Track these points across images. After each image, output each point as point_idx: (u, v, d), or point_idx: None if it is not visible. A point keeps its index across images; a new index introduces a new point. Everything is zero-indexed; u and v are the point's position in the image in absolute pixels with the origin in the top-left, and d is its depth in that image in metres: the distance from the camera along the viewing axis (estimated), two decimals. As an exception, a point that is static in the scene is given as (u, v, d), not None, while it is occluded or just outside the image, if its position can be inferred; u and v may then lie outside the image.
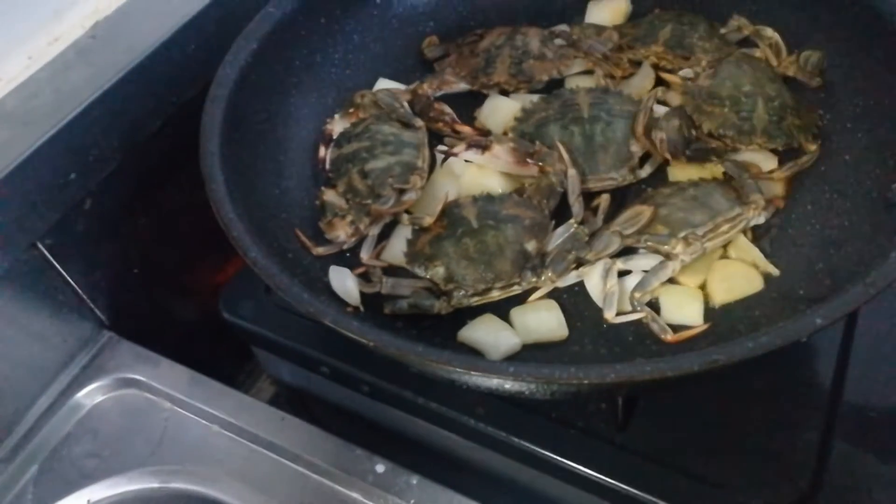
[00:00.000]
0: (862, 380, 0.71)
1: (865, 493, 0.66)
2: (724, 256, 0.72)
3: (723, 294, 0.69)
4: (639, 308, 0.66)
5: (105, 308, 0.83)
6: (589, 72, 0.86)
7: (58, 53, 0.79)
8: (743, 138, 0.74)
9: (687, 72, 0.83)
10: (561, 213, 0.74)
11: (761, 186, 0.72)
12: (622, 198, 0.76)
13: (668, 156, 0.74)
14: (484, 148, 0.75)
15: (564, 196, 0.74)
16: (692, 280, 0.70)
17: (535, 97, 0.83)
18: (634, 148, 0.75)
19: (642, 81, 0.84)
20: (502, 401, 0.71)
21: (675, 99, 0.80)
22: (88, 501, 0.73)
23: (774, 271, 0.69)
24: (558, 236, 0.72)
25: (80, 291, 0.80)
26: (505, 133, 0.81)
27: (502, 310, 0.70)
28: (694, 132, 0.75)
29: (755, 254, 0.70)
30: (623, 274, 0.70)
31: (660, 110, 0.78)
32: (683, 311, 0.67)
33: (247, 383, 1.08)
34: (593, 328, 0.68)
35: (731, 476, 0.66)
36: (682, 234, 0.68)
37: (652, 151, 0.76)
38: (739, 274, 0.70)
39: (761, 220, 0.72)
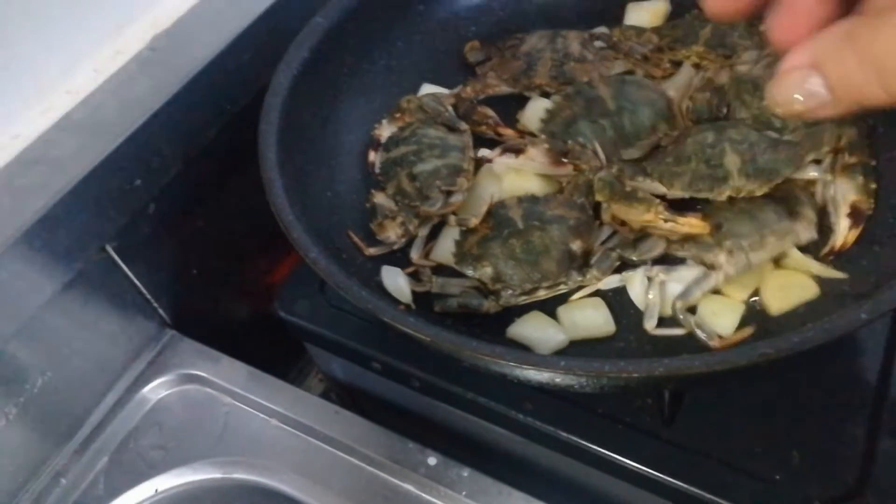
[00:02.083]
0: (908, 376, 0.72)
1: (913, 488, 0.66)
2: (779, 268, 0.71)
3: (778, 303, 0.68)
4: (680, 316, 0.67)
5: (168, 307, 0.87)
6: (630, 72, 0.88)
7: (121, 66, 0.83)
8: (771, 133, 0.74)
9: (752, 54, 0.82)
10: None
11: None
12: (677, 206, 0.74)
13: (689, 123, 0.76)
14: (518, 151, 0.77)
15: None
16: (738, 293, 0.70)
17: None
18: (662, 131, 0.78)
19: (683, 81, 0.85)
20: (550, 396, 0.73)
21: (723, 79, 0.81)
22: (156, 491, 0.77)
23: (840, 275, 0.67)
24: (604, 234, 0.74)
25: (144, 292, 0.84)
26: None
27: (548, 308, 0.72)
28: (725, 111, 0.76)
29: (812, 265, 0.69)
30: (666, 280, 0.71)
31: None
32: (718, 319, 0.67)
33: (297, 380, 1.12)
34: (638, 325, 0.70)
35: (778, 470, 0.67)
36: (727, 245, 0.68)
37: (678, 119, 0.78)
38: (794, 283, 0.69)
39: (814, 235, 0.70)
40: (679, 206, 0.73)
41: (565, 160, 0.76)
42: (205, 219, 0.90)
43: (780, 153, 0.71)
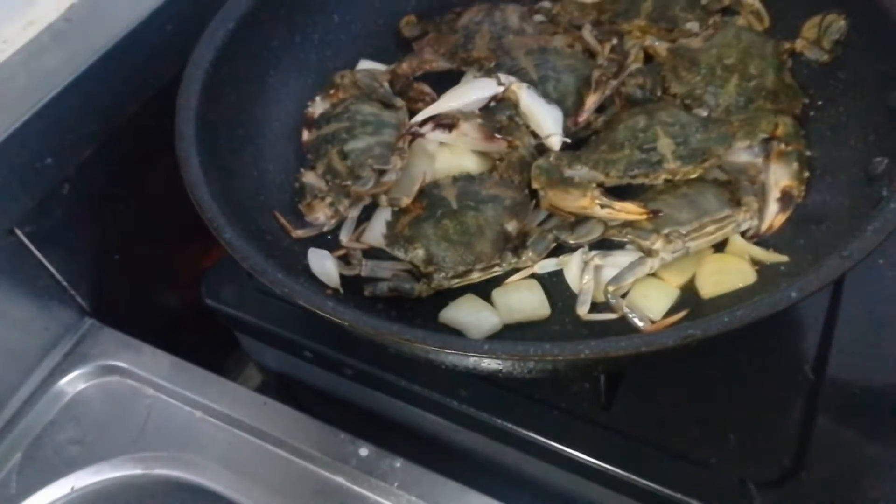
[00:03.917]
0: (845, 357, 0.71)
1: (848, 469, 0.65)
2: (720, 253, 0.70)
3: (712, 287, 0.67)
4: (612, 301, 0.65)
5: (86, 295, 0.83)
6: (570, 46, 0.85)
7: (32, 37, 0.78)
8: (701, 111, 0.74)
9: (693, 25, 0.82)
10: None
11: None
12: (619, 191, 0.73)
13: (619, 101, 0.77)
14: (451, 127, 0.74)
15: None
16: (675, 278, 0.69)
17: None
18: (589, 102, 0.76)
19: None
20: (485, 382, 0.71)
21: (663, 51, 0.80)
22: (72, 488, 0.73)
23: (782, 258, 0.66)
24: (541, 216, 0.71)
25: (60, 278, 0.80)
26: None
27: (483, 291, 0.70)
28: (659, 92, 0.76)
29: (753, 251, 0.68)
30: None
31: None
32: (648, 303, 0.66)
33: (234, 371, 1.08)
34: (574, 308, 0.68)
35: (714, 454, 0.66)
36: (664, 231, 0.67)
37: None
38: (731, 268, 0.68)
39: (754, 222, 0.69)
40: (621, 192, 0.71)
41: (499, 136, 0.73)
42: (127, 201, 0.86)
43: (711, 132, 0.70)
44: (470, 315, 0.67)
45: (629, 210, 0.67)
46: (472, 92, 0.76)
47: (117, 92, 0.80)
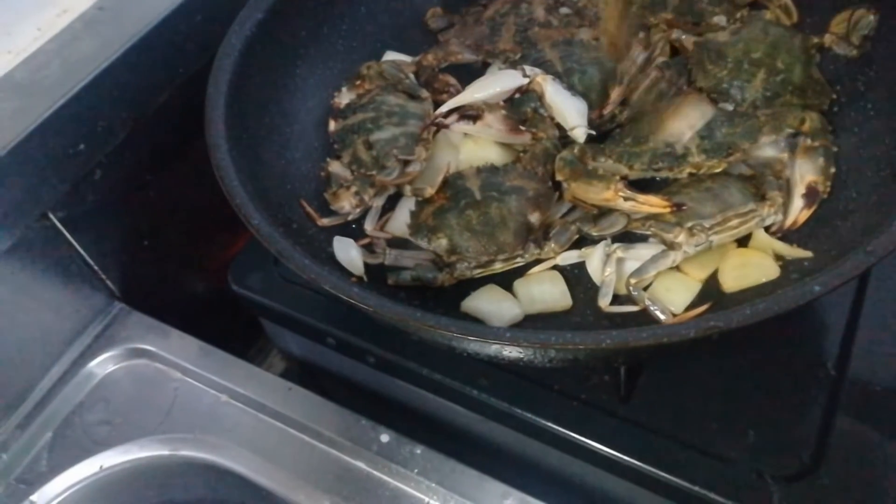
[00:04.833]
0: (868, 356, 0.70)
1: (867, 466, 0.65)
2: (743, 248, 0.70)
3: (734, 282, 0.67)
4: (634, 293, 0.65)
5: (116, 279, 0.84)
6: (596, 39, 0.85)
7: (66, 25, 0.80)
8: (727, 105, 0.74)
9: (720, 18, 0.81)
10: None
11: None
12: (642, 184, 0.73)
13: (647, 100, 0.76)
14: (475, 118, 0.74)
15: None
16: (697, 272, 0.68)
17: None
18: (614, 95, 0.76)
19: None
20: (505, 372, 0.72)
21: (689, 44, 0.80)
22: (101, 467, 0.75)
23: (806, 254, 0.66)
24: (564, 208, 0.72)
25: (91, 262, 0.81)
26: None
27: (505, 282, 0.70)
28: (685, 86, 0.76)
29: (777, 246, 0.67)
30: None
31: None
32: (670, 295, 0.66)
33: (257, 359, 1.09)
34: (596, 300, 0.68)
35: (733, 449, 0.66)
36: (688, 225, 0.66)
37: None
38: (753, 262, 0.67)
39: (779, 217, 0.69)
40: (644, 186, 0.71)
41: (523, 128, 0.73)
42: (158, 187, 0.87)
43: (736, 126, 0.70)
44: (492, 305, 0.68)
45: (653, 203, 0.67)
46: (497, 83, 0.76)
47: (148, 80, 0.81)
